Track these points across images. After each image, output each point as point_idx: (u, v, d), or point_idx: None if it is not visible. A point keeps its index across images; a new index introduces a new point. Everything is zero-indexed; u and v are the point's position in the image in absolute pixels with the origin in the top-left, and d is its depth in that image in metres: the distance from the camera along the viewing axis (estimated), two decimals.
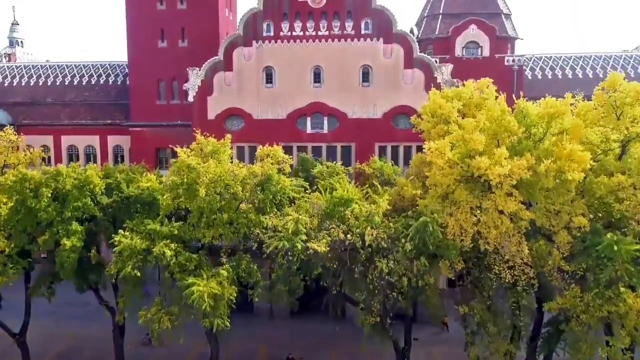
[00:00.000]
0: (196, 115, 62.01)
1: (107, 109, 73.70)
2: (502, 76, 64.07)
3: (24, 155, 46.85)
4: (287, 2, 60.71)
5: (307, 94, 61.22)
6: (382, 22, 60.09)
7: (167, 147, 67.81)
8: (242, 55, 61.32)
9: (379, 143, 61.09)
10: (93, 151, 73.65)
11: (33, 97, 75.39)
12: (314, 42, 60.83)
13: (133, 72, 68.69)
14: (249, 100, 61.71)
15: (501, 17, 65.97)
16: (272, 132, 61.06)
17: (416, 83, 60.23)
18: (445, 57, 65.57)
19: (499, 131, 37.72)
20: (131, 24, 68.37)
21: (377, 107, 60.71)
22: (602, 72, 71.07)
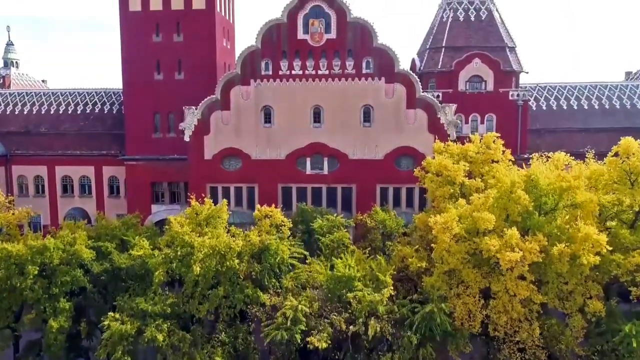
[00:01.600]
0: (192, 155, 59.55)
1: (102, 138, 71.08)
2: (507, 111, 62.01)
3: (12, 214, 44.24)
4: (286, 40, 58.07)
5: (307, 134, 58.78)
6: (384, 61, 57.54)
7: (163, 181, 65.46)
8: (239, 94, 58.82)
9: (380, 184, 58.73)
10: (88, 182, 71.20)
11: (27, 127, 72.67)
12: (313, 81, 58.34)
13: (128, 104, 66.11)
14: (247, 140, 59.21)
15: (505, 51, 63.35)
16: (271, 172, 58.99)
17: (419, 123, 57.79)
18: (448, 91, 63.23)
19: (508, 205, 35.17)
20: (126, 56, 65.68)
21: (379, 148, 58.28)
22: (607, 103, 68.95)
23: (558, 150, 62.48)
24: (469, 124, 63.33)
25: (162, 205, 67.06)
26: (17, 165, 72.13)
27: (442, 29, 65.90)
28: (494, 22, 65.29)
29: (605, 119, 68.05)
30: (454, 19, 65.71)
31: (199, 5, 64.82)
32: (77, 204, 71.37)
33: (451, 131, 56.85)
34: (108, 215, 68.79)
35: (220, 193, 60.45)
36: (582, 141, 65.94)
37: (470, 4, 65.92)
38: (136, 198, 66.45)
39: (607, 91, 70.77)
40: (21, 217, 45.31)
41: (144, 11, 65.20)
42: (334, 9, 57.63)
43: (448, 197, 41.48)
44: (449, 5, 66.40)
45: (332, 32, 58.05)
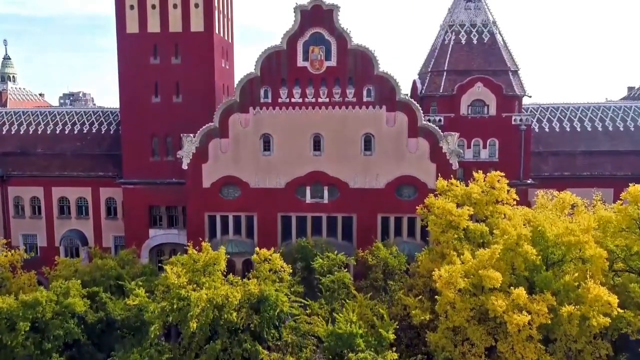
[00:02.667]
0: (190, 183, 58.15)
1: (99, 160, 69.61)
2: (509, 136, 60.79)
3: (4, 256, 42.80)
4: (286, 68, 56.57)
5: (307, 162, 57.34)
6: (385, 89, 56.09)
7: (161, 205, 64.04)
8: (238, 121, 57.37)
9: (381, 214, 57.34)
10: (85, 203, 69.77)
11: (23, 147, 71.14)
12: (313, 109, 56.91)
13: (125, 127, 64.60)
14: (245, 168, 57.83)
15: (508, 74, 61.90)
16: (270, 201, 57.66)
17: (421, 152, 56.37)
18: (450, 116, 61.92)
19: (515, 259, 33.79)
20: (124, 78, 64.19)
21: (380, 177, 56.88)
22: (611, 124, 67.70)
23: (561, 173, 61.74)
24: (471, 149, 62.05)
25: (159, 230, 65.73)
26: (13, 186, 70.73)
27: (444, 52, 64.40)
28: (497, 45, 63.83)
29: (609, 141, 66.76)
30: (455, 41, 64.22)
31: (197, 27, 63.30)
32: (74, 225, 69.95)
33: (453, 160, 55.47)
34: (105, 237, 67.82)
35: (219, 222, 59.20)
36: (585, 164, 65.01)
37: (473, 26, 64.41)
38: (133, 222, 65.13)
39: (610, 112, 69.43)
40: (14, 259, 43.66)
41: (141, 33, 63.69)
42: (335, 36, 56.13)
43: (452, 241, 40.17)
44: (451, 28, 64.90)
45: (332, 60, 56.52)
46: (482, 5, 65.61)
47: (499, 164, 61.28)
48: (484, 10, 65.39)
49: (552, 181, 64.05)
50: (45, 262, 66.09)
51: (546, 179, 64.11)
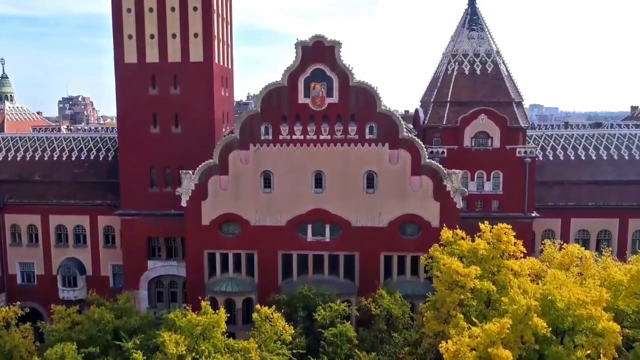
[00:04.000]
0: (189, 220, 56.82)
1: (97, 187, 68.28)
2: (514, 168, 59.61)
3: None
4: (287, 105, 55.14)
5: (308, 199, 56.04)
6: (388, 127, 54.71)
7: (160, 236, 62.75)
8: (238, 158, 56.02)
9: (384, 252, 56.20)
10: (83, 231, 68.50)
11: (20, 174, 69.77)
12: (315, 146, 55.56)
13: (124, 158, 63.16)
14: (246, 205, 56.51)
15: (512, 106, 60.49)
16: (270, 239, 56.42)
17: (424, 190, 55.08)
18: (453, 148, 60.60)
19: (524, 331, 32.50)
20: (122, 109, 62.79)
21: (383, 215, 55.59)
22: (616, 153, 66.48)
23: (565, 202, 60.44)
24: (475, 181, 60.71)
25: (158, 261, 64.56)
26: (10, 214, 69.50)
27: (447, 82, 62.97)
28: (501, 75, 62.41)
29: (614, 170, 65.53)
30: (459, 72, 62.78)
31: (196, 57, 61.84)
32: (72, 253, 68.82)
33: (457, 199, 54.20)
34: (104, 265, 66.54)
35: (219, 259, 57.98)
36: (590, 194, 63.84)
37: (476, 56, 63.00)
38: (132, 253, 63.97)
39: (615, 140, 68.18)
40: (8, 315, 42.31)
41: (140, 63, 62.22)
42: (336, 72, 54.71)
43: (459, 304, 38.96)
44: (454, 58, 63.44)
45: (334, 96, 55.15)
46: (485, 35, 64.15)
47: (502, 196, 60.23)
48: (487, 39, 63.95)
49: (556, 211, 63.01)
50: (43, 291, 65.38)
51: (551, 209, 62.88)
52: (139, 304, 62.97)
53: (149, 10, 61.56)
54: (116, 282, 68.45)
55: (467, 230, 54.04)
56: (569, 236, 63.38)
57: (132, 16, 62.02)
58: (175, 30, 61.74)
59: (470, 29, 64.11)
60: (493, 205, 60.48)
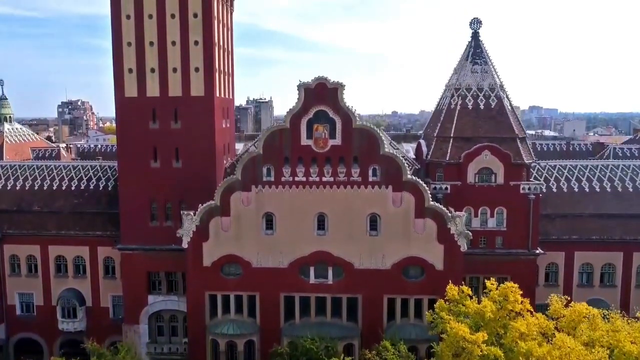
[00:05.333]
0: (190, 262, 56.10)
1: (97, 218, 67.51)
2: (518, 205, 58.95)
3: None
4: (289, 147, 54.31)
5: (311, 241, 55.26)
6: (391, 169, 53.94)
7: (160, 271, 62.04)
8: (240, 200, 55.20)
9: (388, 295, 55.58)
10: (82, 262, 67.86)
11: (19, 204, 68.94)
12: (317, 188, 54.71)
13: (124, 191, 62.39)
14: (247, 247, 55.74)
15: (516, 142, 59.69)
16: (272, 281, 55.74)
17: (428, 233, 54.30)
18: (456, 184, 59.87)
19: None
20: (122, 143, 61.93)
21: (386, 258, 54.92)
22: (620, 185, 65.87)
23: (569, 236, 59.78)
24: (479, 217, 59.98)
25: (159, 296, 63.92)
26: (9, 244, 68.72)
27: (450, 117, 62.16)
28: (504, 110, 61.64)
29: (619, 203, 64.92)
30: (462, 106, 61.96)
31: (197, 92, 60.99)
32: (71, 284, 68.15)
33: (462, 242, 53.51)
34: (103, 297, 65.84)
35: (220, 301, 57.26)
36: (594, 227, 63.31)
37: (480, 90, 62.17)
38: (132, 288, 63.40)
39: (619, 171, 67.62)
40: None
41: (140, 97, 61.36)
42: (340, 114, 53.86)
43: None
44: (457, 92, 62.66)
45: (337, 138, 54.30)
46: (489, 69, 63.33)
47: (506, 232, 59.70)
48: (491, 73, 63.13)
49: (560, 244, 62.42)
50: (42, 322, 64.67)
51: (554, 242, 62.34)
52: (140, 339, 62.38)
53: (150, 44, 60.65)
54: (116, 313, 67.84)
55: (472, 268, 53.71)
56: (572, 269, 62.96)
57: (133, 50, 61.11)
58: (176, 64, 60.85)
59: (474, 63, 63.24)
60: (497, 242, 59.98)
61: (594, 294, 63.00)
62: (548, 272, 63.75)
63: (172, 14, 60.62)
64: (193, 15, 60.53)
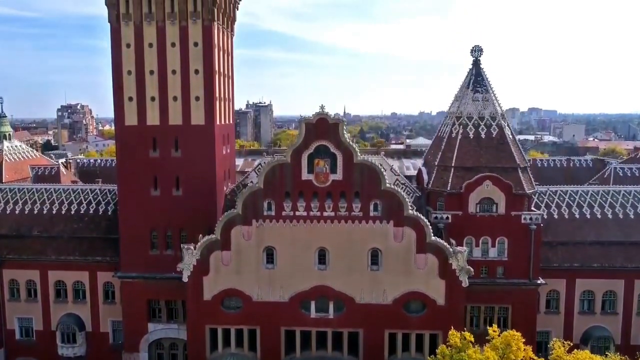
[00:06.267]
0: (191, 295, 55.76)
1: (96, 243, 67.25)
2: (519, 235, 58.76)
3: None
4: (290, 181, 53.92)
5: (311, 276, 54.97)
6: (393, 204, 53.56)
7: (160, 299, 61.75)
8: (240, 234, 54.80)
9: (389, 330, 55.36)
10: (82, 287, 67.43)
11: (18, 229, 68.60)
12: (318, 223, 54.34)
13: (124, 220, 62.09)
14: (248, 281, 55.40)
15: (517, 172, 59.31)
16: (273, 315, 55.39)
17: (429, 268, 54.01)
18: (458, 214, 59.52)
19: None
20: (123, 171, 61.67)
21: (387, 293, 54.67)
22: (621, 211, 65.48)
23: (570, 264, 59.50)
24: (480, 247, 59.74)
25: (159, 324, 63.67)
26: (9, 269, 68.28)
27: (452, 146, 61.78)
28: (505, 140, 61.25)
29: (620, 230, 64.64)
30: (463, 135, 61.56)
31: (198, 120, 60.72)
32: (71, 309, 67.84)
33: (463, 277, 53.23)
34: (103, 322, 65.58)
35: (220, 334, 56.97)
36: (595, 255, 63.13)
37: (481, 119, 61.78)
38: (132, 315, 63.20)
39: (620, 197, 67.29)
40: None
41: (140, 125, 61.03)
42: (341, 149, 53.49)
43: None
44: (458, 120, 62.31)
45: (338, 173, 53.90)
46: (490, 97, 62.92)
47: (508, 262, 59.52)
48: (492, 101, 62.73)
49: (561, 272, 62.21)
50: (42, 347, 64.39)
51: (555, 270, 62.07)
52: None
53: (150, 72, 60.31)
54: (116, 338, 67.64)
55: (473, 297, 53.44)
56: (574, 297, 62.78)
57: (133, 78, 60.77)
58: (176, 93, 60.51)
59: (475, 91, 62.84)
60: (498, 272, 59.75)
61: (595, 321, 62.88)
62: (549, 299, 63.47)
63: (172, 43, 60.13)
64: (193, 44, 60.01)
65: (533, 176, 64.10)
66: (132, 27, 60.32)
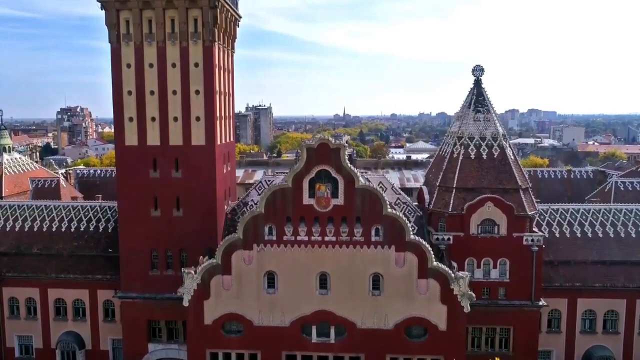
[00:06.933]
0: (191, 319, 55.34)
1: (96, 261, 66.92)
2: (521, 256, 58.46)
3: None
4: (291, 206, 53.51)
5: (313, 301, 54.59)
6: (394, 229, 53.18)
7: (160, 319, 61.48)
8: (241, 258, 54.38)
9: (390, 355, 54.96)
10: (82, 305, 67.06)
11: (18, 247, 68.27)
12: (320, 248, 53.95)
13: (124, 240, 61.70)
14: (249, 305, 55.02)
15: (519, 193, 58.90)
16: (274, 339, 55.04)
17: (431, 294, 53.65)
18: (459, 235, 59.22)
19: None
20: (123, 190, 61.12)
21: (389, 317, 54.30)
22: (623, 230, 65.17)
23: (572, 283, 59.19)
24: (481, 268, 59.42)
25: (159, 344, 63.32)
26: (8, 287, 67.94)
27: (453, 167, 61.35)
28: (507, 160, 60.81)
29: (621, 249, 64.40)
30: (465, 156, 61.12)
31: (198, 141, 60.32)
32: (71, 327, 67.57)
33: (465, 303, 52.87)
34: (103, 340, 65.32)
35: (221, 359, 56.39)
36: (597, 274, 62.90)
37: (482, 139, 61.36)
38: (132, 336, 62.87)
39: (622, 216, 67.01)
40: None
41: (140, 146, 60.60)
42: (342, 174, 53.06)
43: None
44: (460, 140, 61.86)
45: (339, 198, 53.50)
46: (491, 117, 62.53)
47: (509, 284, 59.30)
48: (493, 121, 62.36)
49: (563, 292, 62.02)
50: None
51: (557, 289, 61.84)
52: None
53: (150, 93, 59.85)
54: (116, 356, 67.40)
55: (475, 319, 53.20)
56: (575, 316, 62.65)
57: (133, 98, 60.33)
58: (176, 113, 60.08)
59: (476, 111, 62.42)
60: (500, 293, 59.53)
61: (596, 340, 62.79)
62: (551, 318, 63.33)
63: (173, 64, 59.68)
64: (194, 65, 59.58)
65: (533, 188, 63.69)
66: (132, 47, 59.74)
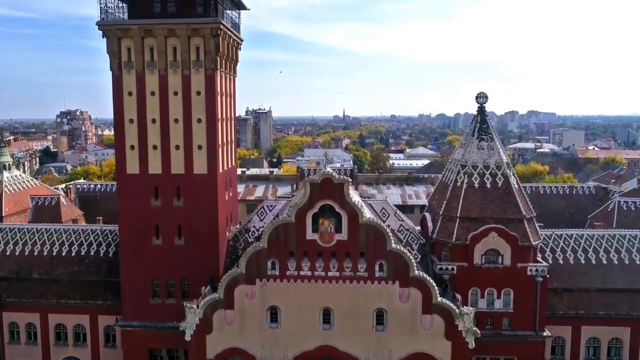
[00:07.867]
0: (193, 354, 54.80)
1: (97, 286, 66.13)
2: (525, 286, 57.81)
3: None
4: (294, 241, 52.86)
5: (316, 336, 54.02)
6: (398, 265, 52.64)
7: (162, 348, 60.77)
8: (244, 293, 53.84)
9: None
10: (83, 330, 66.33)
11: (18, 271, 67.47)
12: (323, 283, 53.46)
13: (125, 268, 60.90)
14: (251, 340, 54.48)
15: (523, 223, 58.24)
16: None
17: (435, 329, 53.14)
18: (463, 265, 58.54)
19: None
20: (124, 219, 60.24)
21: (393, 353, 53.93)
22: (627, 257, 64.45)
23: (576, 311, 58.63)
24: (485, 298, 58.79)
25: None
26: (8, 312, 67.20)
27: (457, 196, 60.65)
28: (511, 190, 60.12)
29: (625, 277, 63.71)
30: (468, 185, 60.41)
31: (200, 169, 59.42)
32: (71, 353, 66.83)
33: (469, 339, 52.37)
34: None
35: None
36: (601, 302, 62.22)
37: (486, 168, 60.63)
38: None
39: (626, 242, 66.26)
40: None
41: (142, 174, 59.68)
42: (345, 209, 52.39)
43: None
44: (464, 169, 61.17)
45: (343, 233, 52.84)
46: (495, 145, 61.84)
47: (513, 314, 58.67)
48: (497, 150, 61.66)
49: (566, 320, 61.35)
50: None
51: (561, 317, 61.25)
52: None
53: (152, 121, 58.99)
54: None
55: (479, 349, 52.62)
56: (579, 344, 62.02)
57: (135, 127, 59.47)
58: (178, 141, 59.24)
59: (480, 139, 61.72)
60: (504, 323, 58.94)
61: None
62: (554, 345, 62.70)
63: (174, 92, 58.82)
64: (196, 93, 58.73)
65: (535, 204, 62.96)
66: (134, 75, 58.84)
